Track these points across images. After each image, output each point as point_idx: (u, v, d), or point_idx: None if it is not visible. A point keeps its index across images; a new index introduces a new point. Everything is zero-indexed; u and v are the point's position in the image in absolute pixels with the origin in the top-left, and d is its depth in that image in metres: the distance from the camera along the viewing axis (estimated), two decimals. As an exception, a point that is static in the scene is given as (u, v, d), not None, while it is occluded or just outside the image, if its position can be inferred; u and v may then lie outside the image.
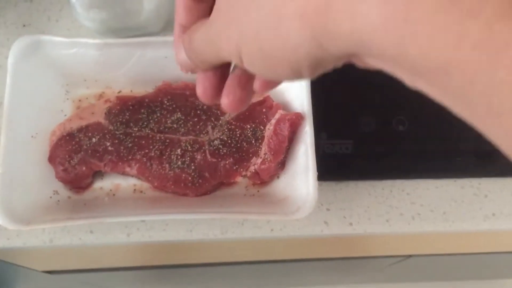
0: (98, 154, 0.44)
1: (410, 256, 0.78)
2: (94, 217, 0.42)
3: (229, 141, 0.46)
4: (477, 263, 0.95)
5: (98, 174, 0.46)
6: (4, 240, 0.45)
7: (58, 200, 0.44)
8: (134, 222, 0.46)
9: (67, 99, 0.48)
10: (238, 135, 0.46)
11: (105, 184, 0.46)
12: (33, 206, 0.42)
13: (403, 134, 0.50)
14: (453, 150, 0.50)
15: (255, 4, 0.23)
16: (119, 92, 0.48)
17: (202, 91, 0.29)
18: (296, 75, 0.24)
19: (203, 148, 0.45)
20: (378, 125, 0.50)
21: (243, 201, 0.45)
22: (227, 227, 0.46)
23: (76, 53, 0.45)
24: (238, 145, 0.46)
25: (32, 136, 0.45)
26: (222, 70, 0.29)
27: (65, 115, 0.47)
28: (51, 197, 0.44)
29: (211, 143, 0.45)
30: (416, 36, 0.18)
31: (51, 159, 0.44)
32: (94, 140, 0.45)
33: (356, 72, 0.51)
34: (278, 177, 0.46)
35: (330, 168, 0.48)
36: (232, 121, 0.46)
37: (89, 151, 0.44)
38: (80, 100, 0.48)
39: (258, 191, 0.46)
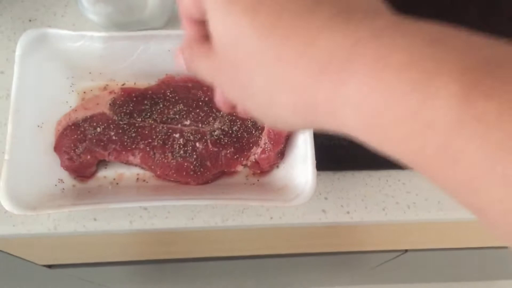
0: (102, 143, 0.45)
1: (406, 251, 0.80)
2: (97, 203, 0.42)
3: (230, 131, 0.47)
4: (474, 260, 0.96)
5: (102, 163, 0.47)
6: (10, 227, 0.46)
7: (63, 188, 0.45)
8: (136, 210, 0.47)
9: (72, 91, 0.49)
10: (238, 125, 0.47)
11: (109, 173, 0.47)
12: (39, 193, 0.43)
13: None
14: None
15: (252, 87, 0.25)
16: (123, 84, 0.49)
17: (221, 103, 0.33)
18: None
19: (205, 138, 0.46)
20: None
21: (244, 190, 0.46)
22: (228, 215, 0.47)
23: (82, 46, 0.46)
24: (239, 135, 0.47)
25: (38, 126, 0.46)
26: None
27: (71, 107, 0.48)
28: (56, 185, 0.45)
29: (213, 133, 0.46)
30: (391, 140, 0.21)
31: (57, 148, 0.45)
32: (98, 129, 0.45)
33: None
34: (277, 166, 0.47)
35: (328, 158, 0.48)
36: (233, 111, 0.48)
37: (94, 140, 0.45)
38: (85, 92, 0.49)
39: (258, 180, 0.47)
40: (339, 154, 0.50)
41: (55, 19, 0.53)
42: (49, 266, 0.77)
